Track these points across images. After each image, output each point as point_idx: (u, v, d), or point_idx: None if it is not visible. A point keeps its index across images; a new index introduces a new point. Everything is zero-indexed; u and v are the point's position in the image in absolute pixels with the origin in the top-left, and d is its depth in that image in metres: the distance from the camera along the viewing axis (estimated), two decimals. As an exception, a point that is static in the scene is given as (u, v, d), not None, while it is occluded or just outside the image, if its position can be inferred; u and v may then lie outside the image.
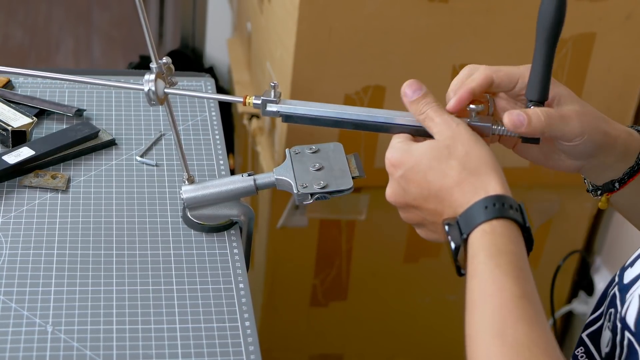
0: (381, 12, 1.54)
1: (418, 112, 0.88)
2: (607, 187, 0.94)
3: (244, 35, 2.15)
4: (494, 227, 0.79)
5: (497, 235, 0.79)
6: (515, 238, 0.79)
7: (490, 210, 0.79)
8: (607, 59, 1.65)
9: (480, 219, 0.79)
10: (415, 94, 0.89)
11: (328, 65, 1.58)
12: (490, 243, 0.78)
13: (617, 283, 0.83)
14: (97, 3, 3.60)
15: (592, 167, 0.93)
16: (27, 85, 1.36)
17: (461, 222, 0.80)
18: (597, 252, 1.94)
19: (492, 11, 1.56)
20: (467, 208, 0.80)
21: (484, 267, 0.77)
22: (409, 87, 0.89)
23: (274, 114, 0.96)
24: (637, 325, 0.76)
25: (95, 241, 1.09)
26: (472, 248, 0.79)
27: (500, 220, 0.79)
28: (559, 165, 0.93)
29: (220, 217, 1.11)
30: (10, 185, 1.16)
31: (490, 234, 0.79)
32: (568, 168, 0.93)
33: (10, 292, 1.01)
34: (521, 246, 0.80)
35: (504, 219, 0.79)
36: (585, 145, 0.89)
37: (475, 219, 0.79)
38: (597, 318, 0.88)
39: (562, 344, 2.05)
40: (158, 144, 1.27)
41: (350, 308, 1.90)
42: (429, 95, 0.89)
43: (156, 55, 0.99)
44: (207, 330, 0.99)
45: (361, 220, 1.77)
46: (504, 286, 0.76)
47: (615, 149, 0.92)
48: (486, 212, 0.79)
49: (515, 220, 0.80)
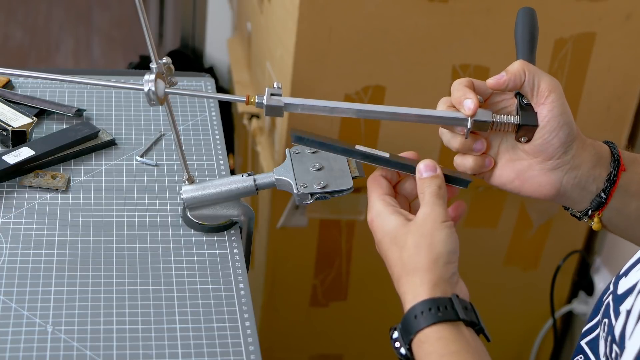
0: (381, 12, 1.54)
1: (420, 190, 0.91)
2: (595, 203, 0.93)
3: (244, 35, 2.15)
4: (427, 335, 0.82)
5: (433, 341, 0.81)
6: (454, 336, 0.81)
7: (419, 319, 0.82)
8: (607, 59, 1.65)
9: (414, 329, 0.82)
10: (426, 174, 0.91)
11: (328, 65, 1.58)
12: (430, 351, 0.81)
13: (612, 292, 0.83)
14: (97, 3, 3.60)
15: (572, 184, 0.92)
16: (27, 85, 1.36)
17: (402, 332, 0.84)
18: (597, 252, 1.94)
19: (492, 11, 1.56)
20: (404, 316, 0.85)
21: None
22: (424, 165, 0.92)
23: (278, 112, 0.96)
24: (621, 340, 0.77)
25: (95, 241, 1.09)
26: (416, 358, 0.83)
27: (432, 326, 0.82)
28: (536, 183, 0.93)
29: (220, 217, 1.11)
30: (10, 185, 1.16)
31: (426, 343, 0.82)
32: (546, 188, 0.93)
33: (10, 292, 1.01)
34: (463, 341, 0.82)
35: (436, 324, 0.82)
36: (555, 134, 0.90)
37: (411, 329, 0.83)
38: (594, 327, 0.88)
39: (562, 344, 2.05)
40: (158, 144, 1.27)
41: (350, 308, 1.90)
42: (436, 179, 0.91)
43: (156, 55, 0.99)
44: (207, 330, 0.99)
45: (361, 220, 1.77)
46: None
47: (586, 150, 0.92)
48: (417, 322, 0.82)
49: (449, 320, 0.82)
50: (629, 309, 0.77)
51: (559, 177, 0.92)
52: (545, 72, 0.92)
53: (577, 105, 1.70)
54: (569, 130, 0.90)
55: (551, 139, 0.90)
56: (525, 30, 0.96)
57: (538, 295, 1.94)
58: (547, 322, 1.98)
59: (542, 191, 0.93)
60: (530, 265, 1.92)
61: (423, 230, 0.87)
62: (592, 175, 0.92)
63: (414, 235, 0.87)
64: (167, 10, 2.75)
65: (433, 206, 0.88)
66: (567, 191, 0.93)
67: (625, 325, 0.77)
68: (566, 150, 0.91)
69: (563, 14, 1.59)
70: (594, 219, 0.95)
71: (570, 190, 0.93)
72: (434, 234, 0.86)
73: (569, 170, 0.92)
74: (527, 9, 0.98)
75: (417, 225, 0.87)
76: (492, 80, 0.92)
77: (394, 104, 1.63)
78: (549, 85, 0.90)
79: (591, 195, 0.93)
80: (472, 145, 0.94)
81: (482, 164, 0.94)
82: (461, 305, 0.83)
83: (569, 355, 2.04)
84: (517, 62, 0.92)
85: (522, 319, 2.00)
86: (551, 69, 1.64)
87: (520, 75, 0.91)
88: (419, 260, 0.85)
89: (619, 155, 0.94)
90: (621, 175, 0.92)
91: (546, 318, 1.97)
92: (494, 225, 1.84)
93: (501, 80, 0.91)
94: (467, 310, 0.83)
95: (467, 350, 0.81)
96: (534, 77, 0.91)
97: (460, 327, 0.82)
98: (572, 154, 0.91)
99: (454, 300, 0.83)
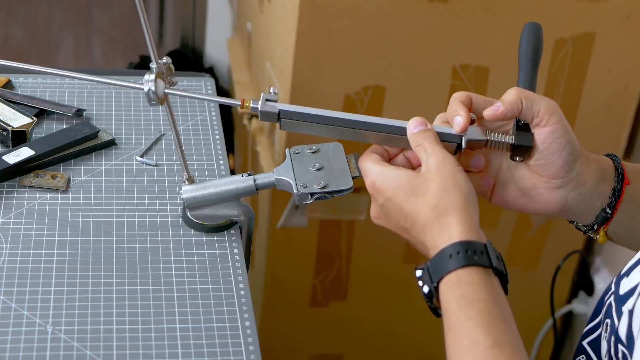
0: (381, 12, 1.54)
1: (416, 143, 0.90)
2: (600, 218, 0.93)
3: (244, 35, 2.15)
4: (459, 277, 0.80)
5: (464, 284, 0.80)
6: (484, 283, 0.80)
7: (454, 260, 0.81)
8: (607, 59, 1.65)
9: (445, 269, 0.81)
10: (417, 128, 0.91)
11: (328, 65, 1.58)
12: (459, 294, 0.80)
13: (613, 292, 0.83)
14: (97, 3, 3.60)
15: (577, 200, 0.92)
16: (27, 85, 1.36)
17: (430, 270, 0.82)
18: (597, 252, 1.94)
19: (492, 11, 1.56)
20: (434, 256, 0.82)
21: (456, 321, 0.79)
22: (413, 122, 0.91)
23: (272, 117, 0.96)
24: (629, 340, 0.77)
25: (95, 241, 1.09)
26: (443, 298, 0.81)
27: (465, 268, 0.80)
28: (542, 201, 0.93)
29: (220, 217, 1.11)
30: (10, 185, 1.16)
31: (457, 285, 0.80)
32: (551, 206, 0.92)
33: (10, 292, 1.01)
34: (491, 289, 0.81)
35: (469, 267, 0.80)
36: (557, 155, 0.89)
37: (442, 268, 0.81)
38: (595, 327, 0.88)
39: (562, 345, 2.05)
40: (158, 144, 1.27)
41: (350, 308, 1.90)
42: (430, 131, 0.90)
43: (156, 55, 0.99)
44: (207, 330, 0.99)
45: (361, 220, 1.77)
46: (476, 339, 0.77)
47: (590, 166, 0.91)
48: (451, 262, 0.81)
49: (482, 265, 0.81)
50: (630, 309, 0.77)
51: (565, 194, 0.92)
52: (541, 96, 0.91)
53: (577, 105, 1.70)
54: (571, 150, 0.90)
55: (554, 159, 0.90)
56: (530, 46, 0.95)
57: (538, 295, 1.94)
58: (547, 322, 1.98)
59: (548, 208, 0.93)
60: (530, 266, 1.92)
61: (444, 174, 0.85)
62: (596, 191, 0.92)
63: (435, 181, 0.85)
64: (167, 10, 2.75)
65: (441, 152, 0.87)
66: (573, 207, 0.93)
67: (630, 325, 0.77)
68: (570, 168, 0.90)
69: (563, 14, 1.59)
70: (599, 232, 0.94)
71: (576, 206, 0.92)
72: (455, 176, 0.85)
73: (574, 187, 0.91)
74: (533, 24, 0.97)
75: (435, 172, 0.86)
76: (489, 111, 0.91)
77: (394, 104, 1.63)
78: (548, 109, 0.89)
79: (596, 210, 0.93)
80: (469, 162, 0.93)
81: (479, 183, 0.93)
82: (495, 253, 0.82)
83: (569, 355, 2.04)
84: (512, 91, 0.90)
85: (522, 319, 1.99)
86: (551, 69, 1.64)
87: (517, 104, 0.90)
88: (450, 201, 0.84)
89: (623, 169, 0.93)
90: (625, 189, 0.92)
91: (546, 318, 1.97)
92: (494, 225, 1.84)
93: (498, 112, 0.90)
94: (498, 260, 0.82)
95: (494, 300, 0.80)
96: (532, 103, 0.90)
97: (490, 275, 0.81)
98: (577, 171, 0.91)
99: (489, 246, 0.82)
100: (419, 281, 0.83)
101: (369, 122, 0.94)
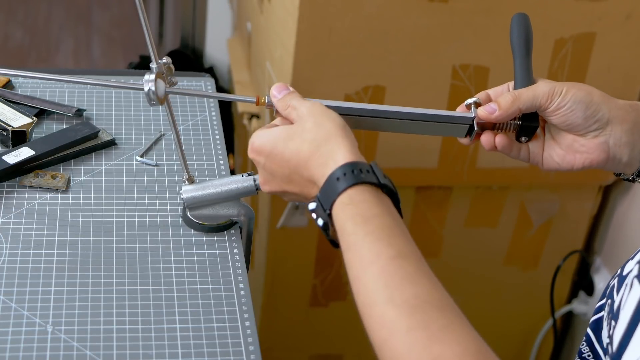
0: (381, 12, 1.54)
1: (284, 107, 0.92)
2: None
3: (244, 35, 2.15)
4: (351, 196, 0.81)
5: (357, 203, 0.81)
6: (376, 200, 0.81)
7: (342, 181, 0.82)
8: (607, 59, 1.65)
9: (336, 191, 0.82)
10: (281, 93, 0.92)
11: (328, 65, 1.58)
12: (354, 213, 0.80)
13: (618, 274, 0.84)
14: (97, 3, 3.60)
15: (619, 145, 0.94)
16: (27, 85, 1.36)
17: (322, 199, 0.83)
18: (597, 252, 1.94)
19: (492, 11, 1.56)
20: (323, 184, 0.83)
21: (355, 238, 0.79)
22: (275, 88, 0.93)
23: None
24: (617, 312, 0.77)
25: (95, 241, 1.09)
26: (338, 221, 0.82)
27: (355, 187, 0.81)
28: (586, 152, 0.95)
29: (220, 217, 1.11)
30: (10, 185, 1.16)
31: (350, 205, 0.81)
32: (596, 154, 0.95)
33: (10, 292, 1.01)
34: (384, 205, 0.82)
35: (358, 185, 0.81)
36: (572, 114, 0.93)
37: (332, 192, 0.82)
38: (599, 309, 0.88)
39: (562, 344, 2.05)
40: (158, 144, 1.27)
41: (350, 308, 1.88)
42: (293, 92, 0.93)
43: (156, 55, 0.99)
44: (207, 330, 0.99)
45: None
46: (379, 251, 0.77)
47: (621, 108, 0.94)
48: (339, 183, 0.82)
49: (370, 183, 0.82)
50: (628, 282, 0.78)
51: (604, 140, 0.94)
52: (533, 87, 0.95)
53: (577, 105, 1.69)
54: (586, 105, 0.93)
55: (574, 119, 0.93)
56: (521, 34, 1.00)
57: (538, 295, 1.94)
58: (547, 322, 1.98)
59: (594, 159, 0.95)
60: (530, 265, 1.92)
61: (315, 112, 0.88)
62: (637, 134, 0.94)
63: (308, 121, 0.88)
64: (167, 10, 2.75)
65: (310, 101, 0.90)
66: (617, 154, 0.95)
67: (621, 298, 0.77)
68: (596, 118, 0.93)
69: (563, 14, 1.59)
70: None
71: (620, 152, 0.95)
72: (326, 112, 0.88)
73: (610, 132, 0.94)
74: (521, 14, 1.02)
75: (307, 114, 0.88)
76: (483, 111, 0.95)
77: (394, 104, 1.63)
78: (545, 94, 0.94)
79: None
80: (495, 143, 0.98)
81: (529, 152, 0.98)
82: (381, 173, 0.84)
83: (569, 355, 2.04)
84: (509, 96, 0.94)
85: (522, 319, 2.00)
86: (551, 69, 1.64)
87: (512, 113, 0.94)
88: (327, 131, 0.86)
89: None
90: None
91: (546, 318, 1.97)
92: (494, 225, 1.84)
93: (492, 116, 0.94)
94: (385, 178, 0.84)
95: (390, 214, 0.81)
96: (532, 104, 0.94)
97: (380, 193, 0.83)
98: (606, 117, 0.93)
99: (374, 166, 0.84)
100: (312, 214, 0.84)
101: (385, 111, 0.96)
